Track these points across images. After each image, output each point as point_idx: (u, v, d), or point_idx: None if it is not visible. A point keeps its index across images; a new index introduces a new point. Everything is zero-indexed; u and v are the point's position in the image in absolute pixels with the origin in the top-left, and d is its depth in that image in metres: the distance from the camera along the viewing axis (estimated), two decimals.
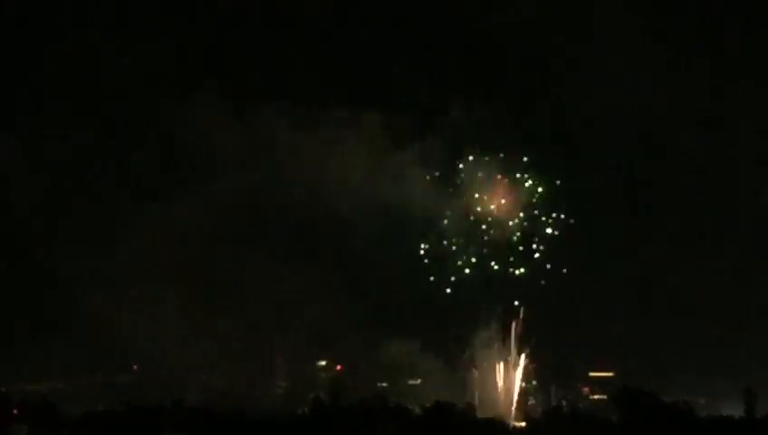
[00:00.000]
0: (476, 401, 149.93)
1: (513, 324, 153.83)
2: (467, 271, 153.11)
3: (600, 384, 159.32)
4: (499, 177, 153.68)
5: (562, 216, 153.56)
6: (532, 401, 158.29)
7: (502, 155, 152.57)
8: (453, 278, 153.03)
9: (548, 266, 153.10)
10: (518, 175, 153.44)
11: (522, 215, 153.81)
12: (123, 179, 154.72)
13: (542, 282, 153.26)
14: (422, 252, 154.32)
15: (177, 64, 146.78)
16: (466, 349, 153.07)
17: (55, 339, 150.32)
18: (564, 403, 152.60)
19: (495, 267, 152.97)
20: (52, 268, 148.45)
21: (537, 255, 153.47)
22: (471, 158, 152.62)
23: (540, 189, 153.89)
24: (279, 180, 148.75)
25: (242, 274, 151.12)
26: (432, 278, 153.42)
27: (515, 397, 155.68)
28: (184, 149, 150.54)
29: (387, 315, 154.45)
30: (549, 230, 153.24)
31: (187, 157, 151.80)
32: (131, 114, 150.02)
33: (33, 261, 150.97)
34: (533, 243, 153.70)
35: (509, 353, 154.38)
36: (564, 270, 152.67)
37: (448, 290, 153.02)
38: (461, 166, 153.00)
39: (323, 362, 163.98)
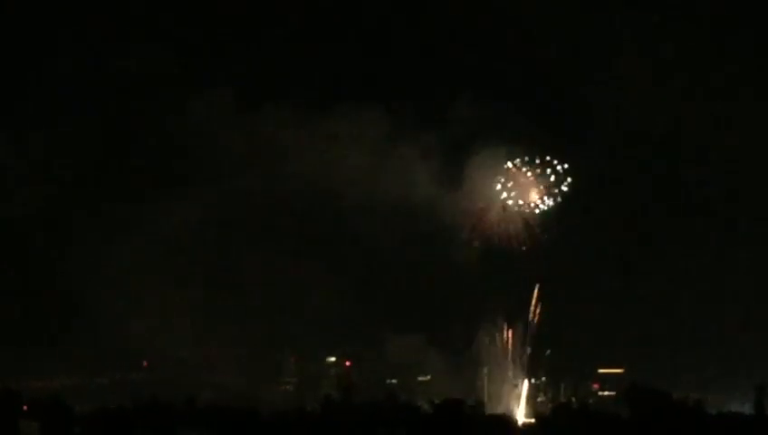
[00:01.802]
0: (486, 398, 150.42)
1: (523, 320, 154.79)
2: (472, 265, 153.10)
3: (609, 381, 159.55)
4: (508, 168, 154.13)
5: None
6: (541, 398, 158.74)
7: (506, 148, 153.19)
8: (457, 272, 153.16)
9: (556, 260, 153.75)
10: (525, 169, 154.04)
11: (530, 209, 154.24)
12: (130, 179, 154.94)
13: (551, 276, 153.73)
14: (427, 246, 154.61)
15: (179, 64, 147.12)
16: (471, 344, 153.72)
17: (66, 336, 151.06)
18: (574, 400, 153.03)
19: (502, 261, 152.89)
20: (64, 266, 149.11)
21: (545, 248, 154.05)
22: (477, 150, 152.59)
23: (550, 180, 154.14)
24: (284, 177, 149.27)
25: (249, 271, 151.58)
26: (436, 273, 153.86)
27: (524, 393, 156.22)
28: (189, 148, 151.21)
29: (392, 311, 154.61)
30: (558, 225, 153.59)
31: (192, 155, 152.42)
32: (133, 114, 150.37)
33: (45, 259, 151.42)
34: (542, 237, 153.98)
35: (516, 350, 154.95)
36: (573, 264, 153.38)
37: (453, 284, 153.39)
38: (467, 159, 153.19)
39: (333, 359, 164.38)
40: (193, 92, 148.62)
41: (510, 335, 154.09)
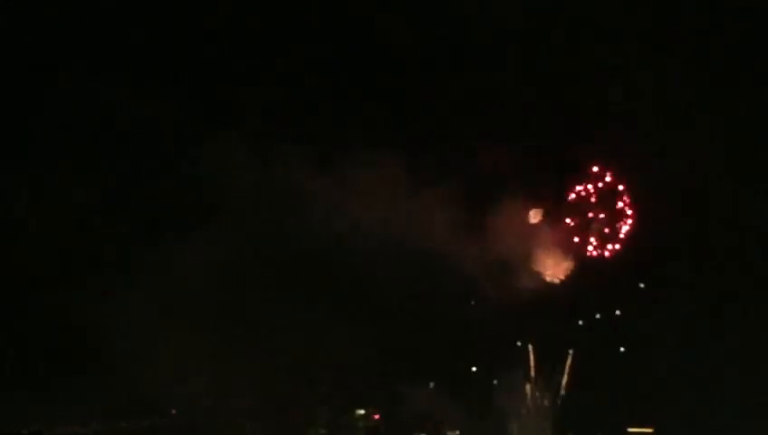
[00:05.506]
0: None
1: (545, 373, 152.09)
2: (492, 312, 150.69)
3: None
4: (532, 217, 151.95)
5: None
6: None
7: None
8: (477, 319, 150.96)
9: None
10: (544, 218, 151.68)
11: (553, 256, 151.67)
12: (145, 223, 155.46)
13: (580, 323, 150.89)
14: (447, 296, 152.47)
15: (192, 107, 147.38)
16: (491, 398, 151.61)
17: (95, 382, 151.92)
18: None
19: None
20: (91, 311, 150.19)
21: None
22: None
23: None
24: (301, 224, 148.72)
25: (274, 320, 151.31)
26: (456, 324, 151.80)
27: None
28: (203, 192, 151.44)
29: (411, 363, 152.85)
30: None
31: (207, 200, 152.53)
32: (146, 155, 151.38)
33: (71, 303, 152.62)
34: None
35: (540, 401, 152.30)
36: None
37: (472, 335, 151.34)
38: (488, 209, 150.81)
39: (362, 411, 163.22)
40: (207, 135, 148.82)
41: (531, 389, 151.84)
